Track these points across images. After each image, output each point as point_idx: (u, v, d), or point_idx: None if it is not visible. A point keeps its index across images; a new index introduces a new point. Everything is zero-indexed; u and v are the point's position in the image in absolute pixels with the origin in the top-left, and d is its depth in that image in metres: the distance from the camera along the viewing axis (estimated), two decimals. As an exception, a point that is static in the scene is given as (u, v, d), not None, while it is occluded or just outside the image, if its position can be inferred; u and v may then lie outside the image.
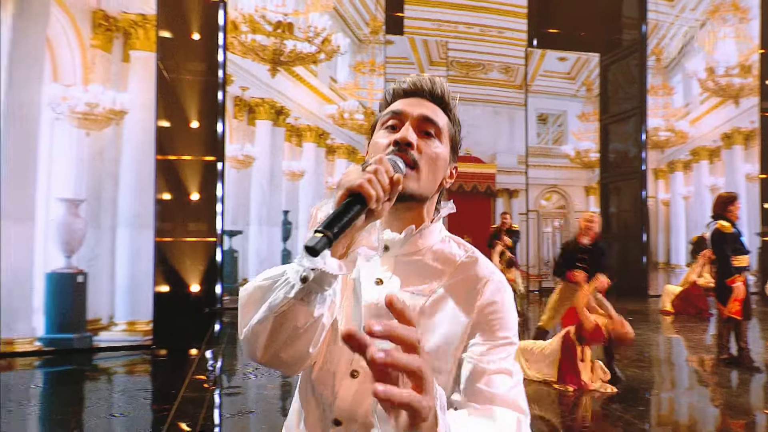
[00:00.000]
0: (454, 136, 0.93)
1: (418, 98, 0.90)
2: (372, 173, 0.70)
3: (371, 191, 0.69)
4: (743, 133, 10.03)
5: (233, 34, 8.17)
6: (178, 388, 4.09)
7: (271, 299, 0.76)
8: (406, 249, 0.88)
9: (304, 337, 0.77)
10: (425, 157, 0.86)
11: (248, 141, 8.22)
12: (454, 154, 0.93)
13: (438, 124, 0.88)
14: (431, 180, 0.87)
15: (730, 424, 3.57)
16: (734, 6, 10.14)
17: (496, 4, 10.26)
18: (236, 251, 8.01)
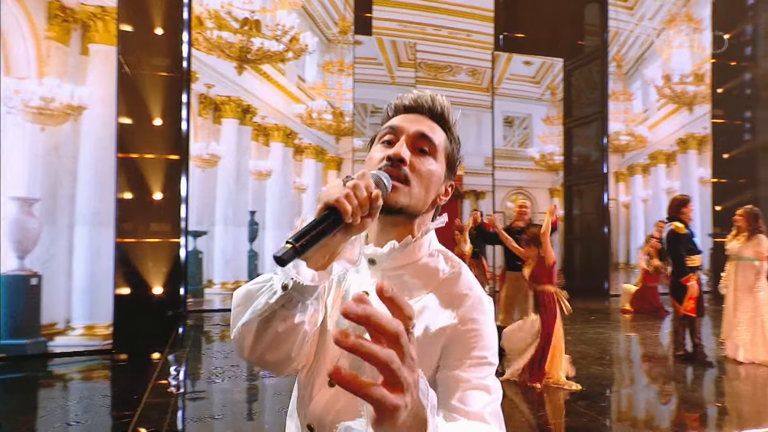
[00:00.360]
0: (451, 154, 0.93)
1: (417, 114, 0.91)
2: (351, 188, 0.71)
3: (347, 206, 0.70)
4: (697, 139, 10.48)
5: (198, 30, 7.98)
6: (141, 394, 3.96)
7: (255, 303, 0.79)
8: (390, 263, 0.88)
9: (286, 341, 0.79)
10: (417, 173, 0.86)
11: (214, 139, 8.05)
12: (450, 172, 0.93)
13: (433, 141, 0.89)
14: (422, 196, 0.88)
15: (684, 418, 3.71)
16: (688, 17, 10.58)
17: (464, 7, 10.37)
18: (201, 252, 7.82)
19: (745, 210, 5.15)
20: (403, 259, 0.88)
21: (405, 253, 0.88)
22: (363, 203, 0.72)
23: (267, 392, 4.37)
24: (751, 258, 4.98)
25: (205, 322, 7.19)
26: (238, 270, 8.03)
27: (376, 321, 0.47)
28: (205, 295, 7.81)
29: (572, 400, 3.98)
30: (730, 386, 4.43)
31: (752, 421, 3.46)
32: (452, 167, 0.94)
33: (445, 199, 0.94)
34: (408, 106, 0.92)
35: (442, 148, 0.91)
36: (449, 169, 0.93)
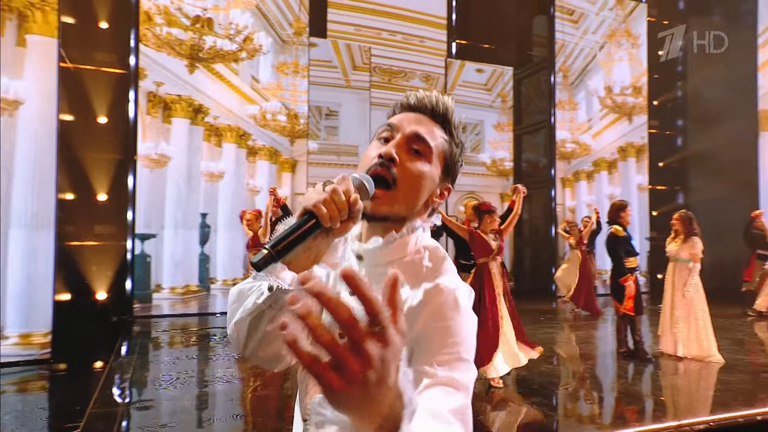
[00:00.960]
0: (449, 157, 0.91)
1: (419, 114, 0.91)
2: (329, 193, 0.73)
3: (324, 211, 0.72)
4: (635, 148, 11.07)
5: (147, 26, 7.69)
6: (83, 405, 3.75)
7: (245, 302, 0.81)
8: (375, 259, 0.87)
9: (275, 340, 0.80)
10: (407, 174, 0.85)
11: (163, 139, 7.75)
12: (446, 175, 0.92)
13: (429, 143, 0.87)
14: (410, 199, 0.87)
15: (626, 411, 3.90)
16: (627, 32, 11.18)
17: (418, 13, 10.49)
18: (149, 255, 7.50)
19: (680, 214, 5.46)
20: (390, 255, 0.87)
21: (391, 249, 0.87)
22: (341, 208, 0.73)
23: (218, 398, 4.25)
24: (686, 259, 5.29)
25: (152, 327, 6.91)
26: (189, 274, 7.76)
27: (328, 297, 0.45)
28: (153, 300, 7.49)
29: (526, 396, 4.09)
30: (668, 380, 4.69)
31: (688, 413, 3.68)
32: (450, 170, 0.92)
33: (439, 201, 0.93)
34: (412, 105, 0.92)
35: (440, 150, 0.89)
36: (446, 171, 0.92)
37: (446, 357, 0.77)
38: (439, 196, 0.93)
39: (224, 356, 5.45)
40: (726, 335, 6.43)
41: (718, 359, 5.04)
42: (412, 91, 0.94)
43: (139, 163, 7.49)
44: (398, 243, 0.87)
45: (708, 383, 4.46)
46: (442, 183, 0.92)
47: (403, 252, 0.88)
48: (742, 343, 6.18)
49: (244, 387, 4.53)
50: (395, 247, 0.87)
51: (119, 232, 7.20)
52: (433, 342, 0.78)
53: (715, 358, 5.06)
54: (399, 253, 0.87)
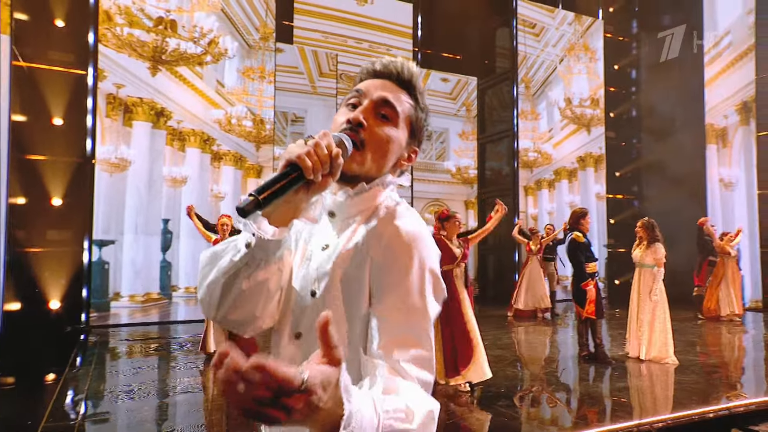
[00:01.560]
0: (415, 121, 0.94)
1: (385, 80, 0.93)
2: (312, 147, 0.75)
3: (308, 163, 0.74)
4: (594, 158, 11.45)
5: (106, 26, 7.45)
6: (35, 420, 3.55)
7: (220, 262, 0.83)
8: (345, 211, 0.90)
9: (250, 300, 0.83)
10: (375, 138, 0.88)
11: (124, 143, 7.50)
12: (413, 138, 0.95)
13: (396, 107, 0.90)
14: (378, 161, 0.89)
15: (587, 412, 3.99)
16: (585, 47, 11.60)
17: (384, 22, 10.58)
18: (107, 262, 7.21)
19: (643, 221, 5.67)
20: (358, 205, 0.89)
21: (359, 199, 0.89)
22: (324, 161, 0.75)
23: (179, 409, 4.11)
24: (650, 265, 5.47)
25: (110, 337, 6.63)
26: (149, 281, 7.51)
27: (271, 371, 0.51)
28: (111, 309, 7.20)
29: (492, 400, 4.14)
30: (628, 382, 4.83)
31: (647, 412, 3.80)
32: (416, 133, 0.95)
33: (407, 165, 0.96)
34: (377, 71, 0.94)
35: (406, 114, 0.92)
36: (412, 135, 0.94)
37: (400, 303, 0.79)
38: (407, 159, 0.95)
39: (186, 365, 5.28)
40: (680, 338, 6.69)
41: (674, 361, 5.24)
42: (378, 58, 0.96)
43: (98, 167, 7.22)
44: (367, 194, 0.89)
45: (665, 384, 4.63)
46: (409, 146, 0.95)
47: (371, 203, 0.90)
48: (694, 345, 6.45)
49: (207, 396, 4.40)
50: (364, 198, 0.89)
51: (75, 238, 6.90)
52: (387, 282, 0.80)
53: (671, 360, 5.26)
54: (367, 203, 0.90)
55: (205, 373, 4.99)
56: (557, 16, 11.32)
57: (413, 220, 0.87)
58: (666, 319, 5.42)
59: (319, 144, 0.76)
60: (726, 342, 6.89)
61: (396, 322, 0.78)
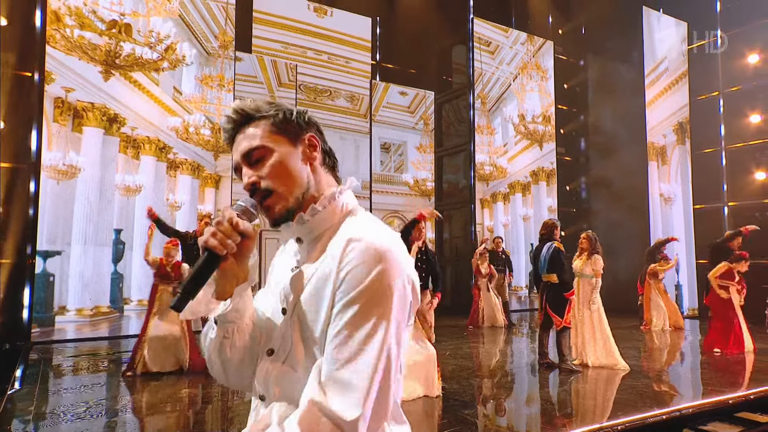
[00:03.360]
0: (281, 125, 0.94)
1: (235, 138, 0.96)
2: (215, 226, 0.85)
3: (214, 242, 0.84)
4: (546, 172, 11.92)
5: (55, 26, 7.12)
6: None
7: (207, 344, 0.95)
8: (309, 235, 0.94)
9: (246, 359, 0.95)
10: (269, 177, 0.92)
11: (73, 149, 7.15)
12: (294, 136, 0.95)
13: (257, 145, 0.92)
14: (290, 188, 0.92)
15: (552, 418, 4.12)
16: (537, 66, 12.12)
17: (343, 35, 10.66)
18: (52, 275, 6.80)
19: (587, 234, 5.93)
20: (320, 225, 0.93)
21: (318, 220, 0.92)
22: (229, 234, 0.85)
23: (129, 428, 3.93)
24: (589, 275, 5.73)
25: (55, 354, 6.25)
26: (99, 294, 7.14)
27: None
28: (56, 324, 6.78)
29: (457, 408, 4.20)
30: (588, 387, 5.02)
31: (607, 415, 3.97)
32: (291, 129, 0.95)
33: (317, 155, 0.96)
34: (227, 137, 0.98)
35: (268, 135, 0.93)
36: (292, 136, 0.94)
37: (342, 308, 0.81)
38: (310, 153, 0.96)
39: (137, 382, 5.05)
40: (627, 344, 7.04)
41: (624, 366, 5.50)
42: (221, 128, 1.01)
43: (44, 174, 6.84)
44: (324, 213, 0.93)
45: (619, 388, 4.84)
46: (298, 145, 0.95)
47: (330, 220, 0.93)
48: (640, 351, 6.80)
49: (158, 413, 4.23)
50: (322, 218, 0.92)
51: (16, 249, 6.49)
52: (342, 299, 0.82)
53: (621, 366, 5.51)
54: (327, 222, 0.93)
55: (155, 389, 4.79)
56: (511, 36, 11.78)
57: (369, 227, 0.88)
58: (605, 327, 5.65)
59: (220, 221, 0.85)
60: (669, 348, 7.30)
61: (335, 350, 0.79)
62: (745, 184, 10.37)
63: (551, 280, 5.56)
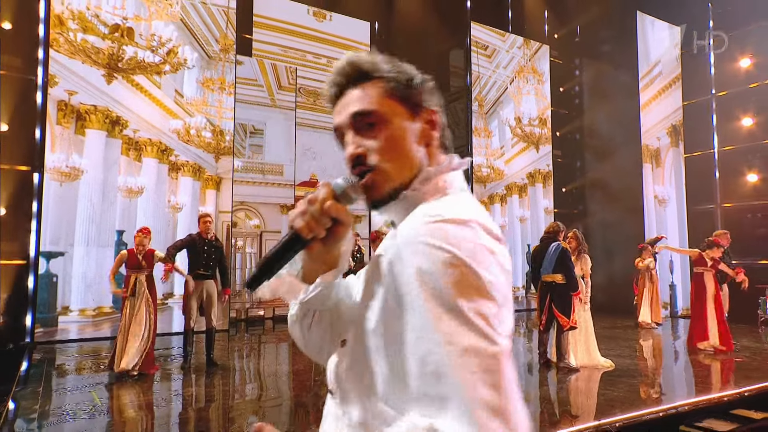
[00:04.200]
0: (401, 92, 0.81)
1: (343, 95, 0.82)
2: (304, 205, 0.76)
3: (300, 224, 0.75)
4: (542, 174, 11.95)
5: (59, 30, 7.12)
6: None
7: (289, 313, 0.89)
8: (401, 217, 0.78)
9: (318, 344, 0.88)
10: (379, 152, 0.78)
11: (76, 151, 7.13)
12: (415, 108, 0.81)
13: (370, 109, 0.79)
14: (399, 166, 0.78)
15: (552, 416, 4.12)
16: (533, 69, 12.15)
17: (342, 39, 10.68)
18: (56, 275, 6.78)
19: (574, 233, 5.92)
20: (409, 212, 0.76)
21: (410, 204, 0.77)
22: (317, 217, 0.75)
23: (129, 426, 3.92)
24: (578, 275, 5.67)
25: (57, 354, 6.23)
26: (101, 295, 7.11)
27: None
28: (60, 324, 6.75)
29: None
30: (588, 386, 5.03)
31: (605, 413, 3.98)
32: (412, 99, 0.81)
33: (436, 134, 0.83)
34: (331, 96, 0.84)
35: (386, 100, 0.79)
36: (412, 107, 0.81)
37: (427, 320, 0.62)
38: (429, 129, 0.82)
39: (139, 381, 5.04)
40: (623, 344, 7.06)
41: (605, 364, 5.47)
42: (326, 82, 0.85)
43: (47, 176, 6.83)
44: (412, 198, 0.78)
45: (617, 386, 4.85)
46: (418, 118, 0.81)
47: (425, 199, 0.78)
48: (636, 350, 6.82)
49: (160, 411, 4.23)
50: (411, 203, 0.77)
51: (19, 250, 6.47)
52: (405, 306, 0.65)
53: (603, 364, 5.48)
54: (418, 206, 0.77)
55: (159, 389, 4.78)
56: (507, 40, 11.81)
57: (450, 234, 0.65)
58: (589, 327, 5.63)
59: (313, 200, 0.75)
60: (662, 347, 7.33)
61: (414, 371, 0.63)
62: (737, 186, 10.42)
63: (556, 279, 5.53)
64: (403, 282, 0.66)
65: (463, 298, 0.60)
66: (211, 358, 5.64)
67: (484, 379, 0.57)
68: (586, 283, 5.69)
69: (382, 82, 0.81)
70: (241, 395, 4.89)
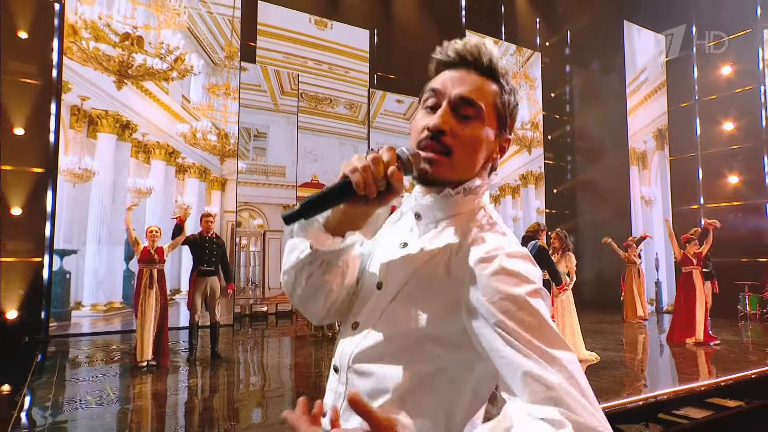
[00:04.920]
0: (502, 108, 0.81)
1: (462, 70, 0.80)
2: (369, 161, 0.70)
3: (358, 177, 0.69)
4: (534, 176, 12.03)
5: (72, 39, 7.20)
6: (3, 429, 3.37)
7: (291, 256, 0.82)
8: (431, 215, 0.81)
9: (314, 295, 0.83)
10: (460, 142, 0.77)
11: (88, 154, 7.23)
12: (502, 128, 0.82)
13: (478, 103, 0.78)
14: (467, 164, 0.79)
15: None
16: (525, 75, 12.23)
17: (343, 46, 10.76)
18: (69, 272, 6.87)
19: (557, 232, 5.98)
20: (445, 211, 0.80)
21: (448, 204, 0.79)
22: (377, 177, 0.70)
23: (142, 415, 4.01)
24: (563, 272, 5.76)
25: (70, 347, 6.31)
26: (112, 291, 7.21)
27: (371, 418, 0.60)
28: (72, 318, 6.85)
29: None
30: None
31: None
32: (504, 122, 0.82)
33: (500, 157, 0.84)
34: (451, 61, 0.80)
35: (490, 105, 0.79)
36: (501, 125, 0.82)
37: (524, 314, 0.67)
38: (498, 152, 0.83)
39: (148, 372, 5.13)
40: (609, 338, 7.15)
41: (590, 357, 5.54)
42: (450, 43, 0.81)
43: (61, 178, 6.92)
44: (454, 200, 0.79)
45: (601, 377, 4.95)
46: (498, 138, 0.82)
47: (459, 209, 0.80)
48: (622, 344, 6.91)
49: (167, 401, 4.31)
50: (451, 204, 0.79)
51: (35, 248, 6.56)
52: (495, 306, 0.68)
53: (588, 357, 5.56)
54: (455, 209, 0.80)
55: (167, 379, 4.86)
56: (501, 47, 11.90)
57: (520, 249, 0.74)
58: (574, 322, 5.68)
59: (377, 159, 0.70)
60: (647, 341, 7.42)
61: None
62: (719, 188, 10.53)
63: None
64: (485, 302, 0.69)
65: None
66: (216, 351, 5.72)
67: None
68: (571, 279, 5.76)
69: (498, 89, 0.80)
70: (245, 386, 4.98)
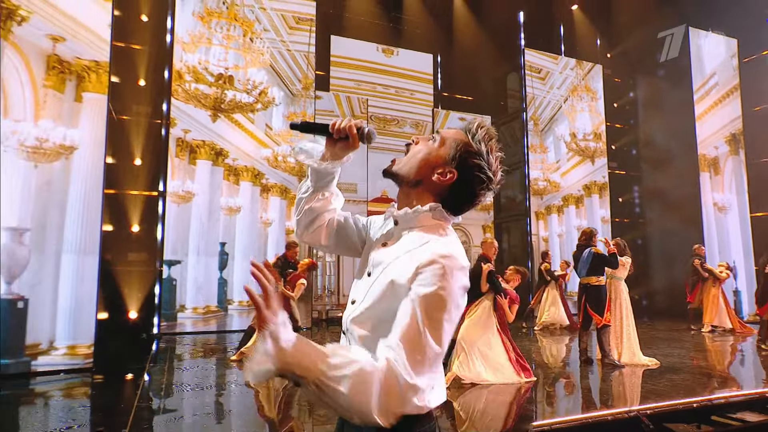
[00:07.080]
0: (462, 150, 1.02)
1: None
2: (345, 121, 1.08)
3: (335, 123, 1.08)
4: (598, 185, 11.62)
5: (178, 82, 8.23)
6: (129, 404, 4.02)
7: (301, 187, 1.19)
8: (405, 224, 1.04)
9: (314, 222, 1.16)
10: (412, 149, 1.07)
11: (189, 178, 8.18)
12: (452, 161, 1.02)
13: (442, 133, 1.07)
14: (409, 167, 1.05)
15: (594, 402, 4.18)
16: (587, 88, 11.92)
17: (408, 70, 11.15)
18: (175, 279, 7.80)
19: (616, 241, 5.91)
20: (414, 221, 1.03)
21: (415, 216, 1.02)
22: (342, 129, 1.07)
23: (233, 400, 4.51)
24: (621, 277, 5.70)
25: (177, 344, 7.14)
26: (209, 296, 8.06)
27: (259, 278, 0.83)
28: (178, 319, 7.76)
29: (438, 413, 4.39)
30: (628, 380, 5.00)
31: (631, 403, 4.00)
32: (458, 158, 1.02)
33: (442, 179, 1.02)
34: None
35: (452, 139, 1.04)
36: (455, 158, 1.02)
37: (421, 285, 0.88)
38: (440, 174, 1.03)
39: (238, 364, 5.71)
40: (675, 344, 6.80)
41: (648, 362, 5.38)
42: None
43: (168, 199, 7.89)
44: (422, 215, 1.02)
45: (658, 381, 4.79)
46: (445, 165, 1.03)
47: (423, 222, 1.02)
48: (688, 351, 6.54)
49: (257, 390, 4.79)
50: (420, 218, 1.02)
51: (150, 259, 7.51)
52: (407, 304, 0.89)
53: (647, 362, 5.39)
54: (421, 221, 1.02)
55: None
56: (560, 63, 11.73)
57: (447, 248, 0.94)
58: (631, 325, 5.54)
59: (350, 120, 1.08)
60: (714, 348, 6.94)
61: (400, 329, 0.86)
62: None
63: (590, 282, 5.59)
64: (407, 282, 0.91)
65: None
66: None
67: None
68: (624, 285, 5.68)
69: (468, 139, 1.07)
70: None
